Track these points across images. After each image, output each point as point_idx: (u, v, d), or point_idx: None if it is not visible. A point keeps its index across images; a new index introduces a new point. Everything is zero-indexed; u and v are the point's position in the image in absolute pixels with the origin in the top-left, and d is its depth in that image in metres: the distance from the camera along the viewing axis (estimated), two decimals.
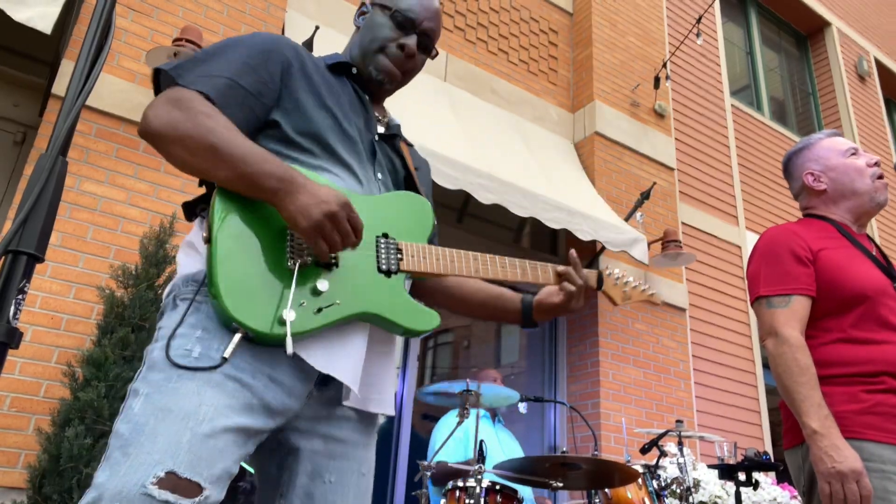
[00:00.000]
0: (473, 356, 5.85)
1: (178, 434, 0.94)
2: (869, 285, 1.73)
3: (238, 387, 1.02)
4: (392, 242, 1.19)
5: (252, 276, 1.05)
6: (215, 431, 0.97)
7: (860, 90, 8.45)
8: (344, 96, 1.32)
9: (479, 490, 2.67)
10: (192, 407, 0.97)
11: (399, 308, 1.16)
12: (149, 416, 0.96)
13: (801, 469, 1.73)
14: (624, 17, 6.14)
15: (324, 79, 1.31)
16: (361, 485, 1.22)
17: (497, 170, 4.22)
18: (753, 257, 1.89)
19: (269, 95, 1.20)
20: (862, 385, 1.66)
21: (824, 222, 1.90)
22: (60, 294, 3.03)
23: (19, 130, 3.81)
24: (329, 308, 1.09)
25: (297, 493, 1.17)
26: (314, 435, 1.18)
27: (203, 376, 1.00)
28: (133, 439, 0.94)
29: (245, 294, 1.03)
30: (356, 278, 1.14)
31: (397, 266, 1.18)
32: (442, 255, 1.23)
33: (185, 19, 3.73)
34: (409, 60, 1.38)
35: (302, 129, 1.21)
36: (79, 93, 0.83)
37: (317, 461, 1.17)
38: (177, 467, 0.92)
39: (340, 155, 1.23)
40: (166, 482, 0.91)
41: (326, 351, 1.10)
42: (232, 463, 1.00)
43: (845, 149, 1.95)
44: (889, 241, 7.68)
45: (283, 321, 1.03)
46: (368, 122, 1.35)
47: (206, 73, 1.15)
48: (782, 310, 1.73)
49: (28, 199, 0.78)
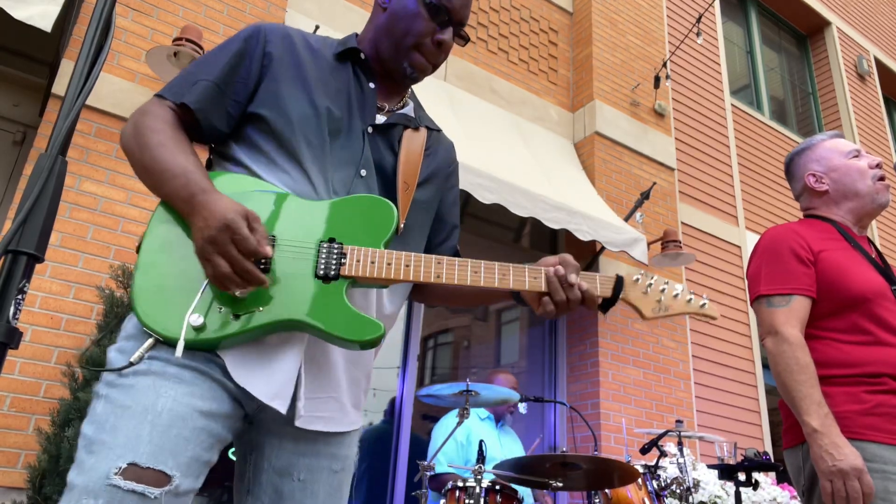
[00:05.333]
0: (473, 356, 5.84)
1: (138, 428, 0.96)
2: (868, 288, 1.74)
3: (197, 374, 1.04)
4: (336, 247, 1.12)
5: (171, 283, 1.06)
6: (175, 420, 0.99)
7: (860, 89, 8.45)
8: (334, 85, 1.25)
9: (479, 490, 2.66)
10: (150, 401, 0.99)
11: (333, 316, 1.07)
12: (109, 414, 0.99)
13: (800, 469, 1.73)
14: (624, 17, 6.14)
15: (316, 66, 1.25)
16: (333, 482, 1.19)
17: (497, 170, 4.22)
18: (754, 256, 1.89)
19: (246, 91, 1.21)
20: (863, 386, 1.66)
21: (825, 223, 1.91)
22: (60, 294, 3.02)
23: (19, 130, 3.81)
24: (249, 315, 1.05)
25: (266, 490, 1.15)
26: (283, 434, 1.16)
27: (158, 371, 1.02)
28: (96, 437, 0.97)
29: (158, 300, 1.05)
30: (287, 285, 1.08)
31: (337, 271, 1.10)
32: (396, 259, 1.13)
33: (185, 19, 3.72)
34: (444, 54, 1.32)
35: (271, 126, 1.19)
36: (79, 93, 0.83)
37: (285, 458, 1.16)
38: (138, 459, 0.94)
39: (299, 156, 1.17)
40: (130, 473, 0.93)
41: (246, 361, 1.07)
42: (202, 450, 1.01)
43: (848, 150, 1.95)
44: (889, 241, 7.68)
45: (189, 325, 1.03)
46: (364, 113, 1.27)
47: (187, 81, 1.19)
48: (782, 309, 1.73)
49: (28, 199, 0.78)
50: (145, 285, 1.06)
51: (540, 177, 4.64)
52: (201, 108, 1.17)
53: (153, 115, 1.15)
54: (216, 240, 1.02)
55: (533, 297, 1.19)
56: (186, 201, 1.07)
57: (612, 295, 1.20)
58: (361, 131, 1.24)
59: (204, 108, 1.17)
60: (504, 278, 1.17)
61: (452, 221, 1.46)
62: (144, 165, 1.12)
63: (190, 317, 1.03)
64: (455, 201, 1.48)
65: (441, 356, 5.86)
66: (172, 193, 1.09)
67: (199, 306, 1.05)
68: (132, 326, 1.09)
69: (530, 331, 5.47)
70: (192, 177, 1.08)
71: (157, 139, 1.11)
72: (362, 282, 1.13)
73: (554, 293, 1.15)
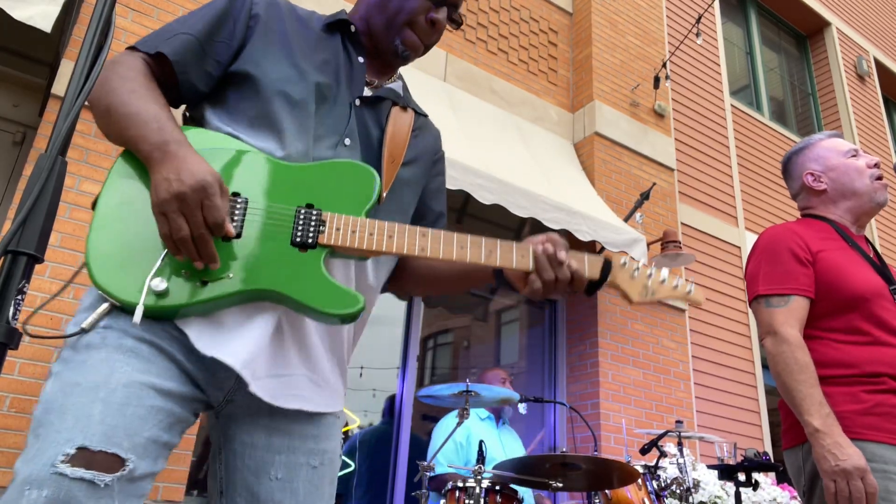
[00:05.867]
0: (473, 356, 5.84)
1: (88, 406, 0.88)
2: (866, 288, 1.74)
3: (155, 351, 0.96)
4: (315, 213, 1.03)
5: (131, 244, 0.97)
6: (131, 398, 0.90)
7: (860, 90, 8.45)
8: (322, 55, 1.20)
9: (479, 490, 2.66)
10: (102, 377, 0.91)
11: (310, 287, 0.99)
12: (57, 393, 0.91)
13: (801, 469, 1.73)
14: (624, 17, 6.14)
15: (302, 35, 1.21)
16: (314, 479, 1.11)
17: (497, 170, 4.22)
18: (753, 256, 1.89)
19: (228, 52, 1.14)
20: (862, 385, 1.66)
21: (823, 223, 1.91)
22: (60, 294, 3.02)
23: (19, 130, 3.81)
24: (218, 282, 0.96)
25: (240, 492, 1.07)
26: (255, 426, 1.08)
27: (113, 343, 0.94)
28: (43, 419, 0.89)
29: (115, 262, 0.95)
30: (261, 252, 1.00)
31: (315, 239, 1.02)
32: (378, 229, 1.05)
33: None
34: (436, 34, 1.28)
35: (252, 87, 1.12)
36: (78, 93, 0.83)
37: (259, 456, 1.08)
38: (88, 441, 0.86)
39: (279, 120, 1.10)
40: (79, 459, 0.85)
41: (214, 331, 0.98)
42: (161, 430, 0.93)
43: (846, 149, 1.95)
44: (889, 241, 7.68)
45: (150, 290, 0.94)
46: (352, 85, 1.21)
47: (165, 34, 1.11)
48: (781, 309, 1.73)
49: (28, 200, 0.78)
50: (102, 245, 0.96)
51: (540, 177, 4.64)
52: (180, 60, 1.09)
53: (124, 64, 1.07)
54: (185, 197, 0.93)
55: (518, 277, 1.14)
56: (158, 147, 0.97)
57: (599, 277, 1.16)
58: (348, 102, 1.19)
59: (182, 62, 1.09)
60: (490, 255, 1.10)
61: (439, 208, 1.41)
62: (109, 108, 1.02)
63: (152, 281, 0.94)
64: (441, 189, 1.43)
65: (441, 356, 5.85)
66: (140, 137, 0.99)
67: (161, 269, 0.96)
68: (89, 297, 1.01)
69: (530, 331, 5.47)
70: (166, 124, 1.00)
71: (128, 86, 1.03)
72: (341, 252, 1.06)
73: (542, 271, 1.10)
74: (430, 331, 5.55)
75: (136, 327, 0.95)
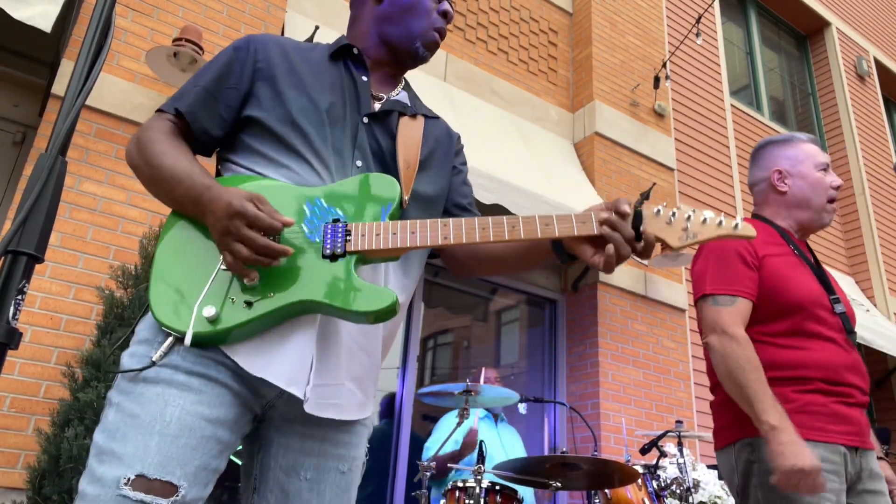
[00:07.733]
0: (473, 356, 5.84)
1: (146, 438, 0.99)
2: (806, 296, 1.79)
3: (204, 381, 1.05)
4: (340, 226, 1.12)
5: (185, 281, 1.08)
6: (183, 430, 1.01)
7: (860, 90, 8.45)
8: (328, 80, 1.28)
9: (479, 490, 2.66)
10: (158, 410, 1.01)
11: (341, 291, 1.07)
12: (119, 423, 1.01)
13: (734, 468, 1.76)
14: (624, 17, 6.14)
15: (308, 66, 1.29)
16: (341, 483, 1.19)
17: (497, 170, 4.22)
18: (700, 257, 1.92)
19: (238, 96, 1.24)
20: (792, 386, 1.71)
21: (771, 227, 1.95)
22: (60, 294, 3.02)
23: (19, 130, 3.81)
24: (261, 301, 1.06)
25: (272, 489, 1.16)
26: (291, 432, 1.17)
27: (166, 378, 1.04)
28: (106, 447, 1.00)
29: (173, 300, 1.07)
30: (295, 269, 1.09)
31: (343, 248, 1.10)
32: (401, 228, 1.11)
33: (185, 19, 3.72)
34: (448, 23, 1.39)
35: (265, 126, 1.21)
36: (78, 93, 0.83)
37: (292, 457, 1.16)
38: (146, 470, 0.96)
39: (298, 149, 1.20)
40: (138, 484, 0.96)
41: (260, 351, 1.07)
42: (210, 458, 1.03)
43: (820, 161, 1.99)
44: (889, 242, 7.68)
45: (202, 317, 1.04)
46: (359, 105, 1.29)
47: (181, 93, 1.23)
48: (728, 308, 1.77)
49: (28, 199, 0.78)
50: (161, 290, 1.08)
51: (540, 177, 4.64)
52: (191, 110, 1.20)
53: (153, 128, 1.19)
54: (229, 228, 1.04)
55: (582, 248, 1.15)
56: (195, 203, 1.10)
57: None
58: (357, 122, 1.27)
59: (194, 111, 1.21)
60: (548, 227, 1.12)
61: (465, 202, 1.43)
62: (152, 177, 1.16)
63: (202, 308, 1.04)
64: (465, 182, 1.47)
65: (441, 356, 5.86)
66: (180, 198, 1.13)
67: (210, 298, 1.06)
68: (144, 330, 1.11)
69: (530, 331, 5.47)
70: (195, 178, 1.12)
71: (158, 149, 1.16)
72: (372, 256, 1.13)
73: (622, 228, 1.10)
74: (430, 331, 5.55)
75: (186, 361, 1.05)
